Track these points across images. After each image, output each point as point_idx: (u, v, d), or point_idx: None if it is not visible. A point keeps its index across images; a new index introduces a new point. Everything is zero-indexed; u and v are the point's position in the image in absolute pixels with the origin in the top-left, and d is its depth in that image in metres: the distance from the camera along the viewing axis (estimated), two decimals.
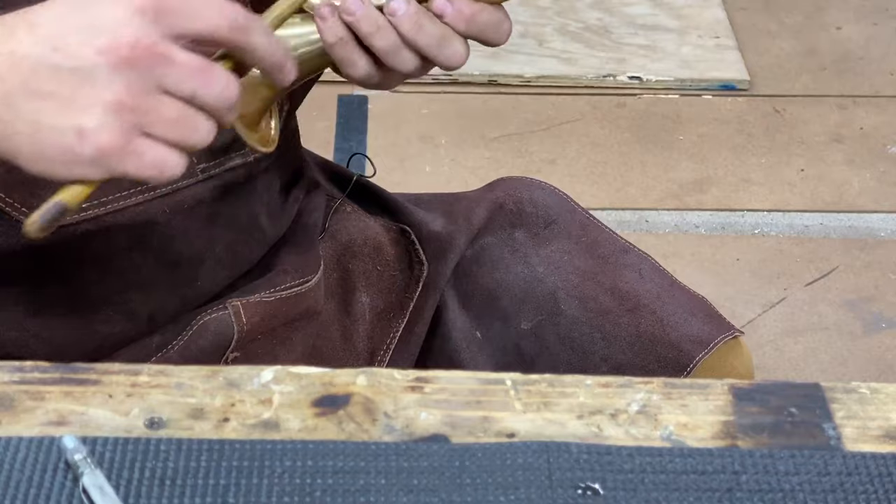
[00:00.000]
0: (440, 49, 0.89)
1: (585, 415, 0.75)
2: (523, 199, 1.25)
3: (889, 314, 2.20)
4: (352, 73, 0.91)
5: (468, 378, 0.76)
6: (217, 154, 1.04)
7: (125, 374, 0.76)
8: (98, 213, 0.99)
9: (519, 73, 2.64)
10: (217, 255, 1.07)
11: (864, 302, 2.22)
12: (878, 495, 0.71)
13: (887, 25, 2.87)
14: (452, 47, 0.90)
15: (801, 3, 2.94)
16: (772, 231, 2.36)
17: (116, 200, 1.00)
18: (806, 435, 0.74)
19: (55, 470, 0.70)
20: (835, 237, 2.35)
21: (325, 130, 2.48)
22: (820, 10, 2.92)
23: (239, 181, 1.06)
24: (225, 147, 1.04)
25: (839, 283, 2.26)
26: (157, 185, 1.00)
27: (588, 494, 0.70)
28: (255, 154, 1.06)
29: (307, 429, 0.73)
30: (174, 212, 1.02)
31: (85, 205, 0.98)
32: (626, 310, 1.17)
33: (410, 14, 0.88)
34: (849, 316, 2.20)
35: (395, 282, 1.20)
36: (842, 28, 2.87)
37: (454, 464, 0.71)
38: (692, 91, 2.65)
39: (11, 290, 1.01)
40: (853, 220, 2.39)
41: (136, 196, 1.00)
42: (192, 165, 1.02)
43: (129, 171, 0.77)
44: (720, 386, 0.77)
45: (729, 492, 0.71)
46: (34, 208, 0.95)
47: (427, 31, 0.89)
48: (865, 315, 2.20)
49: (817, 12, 2.91)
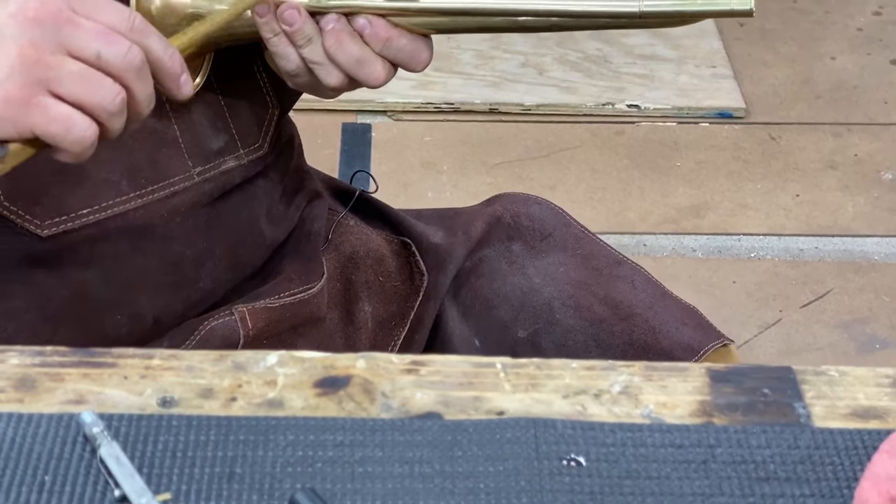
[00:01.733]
0: (359, 67, 0.98)
1: (571, 395, 0.80)
2: (520, 214, 1.29)
3: (883, 335, 2.24)
4: (283, 65, 0.99)
5: (461, 361, 0.81)
6: (211, 157, 1.07)
7: (139, 358, 0.81)
8: (100, 217, 1.03)
9: (520, 102, 2.70)
10: (218, 257, 1.10)
11: (858, 323, 2.27)
12: (845, 467, 0.75)
13: (880, 55, 2.93)
14: (370, 67, 0.98)
15: (796, 34, 2.99)
16: (767, 254, 2.41)
17: (117, 205, 1.03)
18: (777, 413, 0.79)
19: (74, 443, 0.75)
20: (829, 260, 2.40)
21: (329, 157, 2.53)
22: (814, 41, 2.97)
23: (235, 183, 1.09)
24: (219, 150, 1.08)
25: (834, 305, 2.30)
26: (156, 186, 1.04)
27: (572, 466, 0.75)
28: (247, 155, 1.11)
29: (309, 407, 0.78)
30: (173, 214, 1.06)
31: (86, 210, 1.03)
32: (620, 319, 1.20)
33: (336, 31, 0.96)
34: (843, 337, 2.24)
35: (397, 292, 1.23)
36: (836, 58, 2.92)
37: (447, 438, 0.76)
38: (689, 119, 2.70)
39: (23, 297, 1.04)
40: (847, 244, 2.43)
41: (136, 200, 1.04)
42: (189, 169, 1.06)
43: (35, 126, 0.82)
44: (698, 369, 0.81)
45: (704, 463, 0.75)
46: (38, 216, 1.00)
47: (347, 49, 0.97)
48: (859, 336, 2.24)
49: (812, 43, 2.97)
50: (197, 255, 1.09)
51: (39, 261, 1.03)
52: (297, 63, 0.98)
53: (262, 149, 1.11)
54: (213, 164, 1.08)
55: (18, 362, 0.80)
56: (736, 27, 2.98)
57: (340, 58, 0.97)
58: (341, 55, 0.97)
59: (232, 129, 1.09)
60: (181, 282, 1.09)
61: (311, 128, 2.47)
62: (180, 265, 1.08)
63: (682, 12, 0.96)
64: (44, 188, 1.01)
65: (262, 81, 1.11)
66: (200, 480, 0.73)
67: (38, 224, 1.01)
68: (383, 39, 0.97)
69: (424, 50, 1.00)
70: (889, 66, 2.90)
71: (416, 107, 2.68)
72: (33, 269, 1.04)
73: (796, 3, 3.09)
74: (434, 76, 2.73)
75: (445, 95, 2.69)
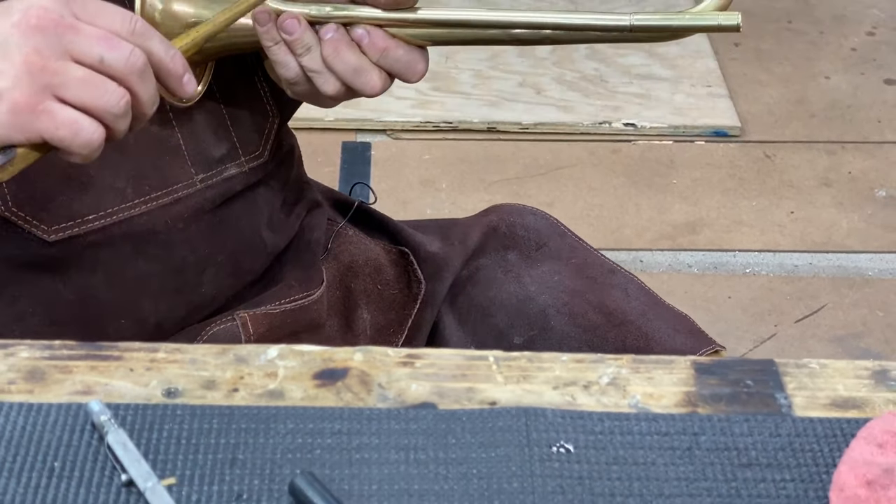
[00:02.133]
0: (356, 76, 1.00)
1: (561, 386, 0.82)
2: (516, 224, 1.31)
3: (876, 349, 2.27)
4: (283, 73, 1.02)
5: (455, 355, 0.84)
6: (213, 164, 1.10)
7: (145, 351, 0.84)
8: (104, 223, 1.05)
9: (518, 121, 2.73)
10: (220, 263, 1.12)
11: (852, 338, 2.29)
12: (824, 453, 0.78)
13: (874, 75, 2.96)
14: (367, 76, 1.01)
15: (791, 54, 3.03)
16: (763, 270, 2.44)
17: (122, 211, 1.06)
18: (760, 403, 0.82)
19: (82, 431, 0.78)
20: (824, 276, 2.42)
21: (329, 175, 2.56)
22: (809, 61, 3.01)
23: (236, 190, 1.12)
24: (221, 157, 1.11)
25: (828, 320, 2.33)
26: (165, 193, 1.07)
27: (561, 452, 0.78)
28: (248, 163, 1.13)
29: (308, 397, 0.81)
30: (176, 220, 1.09)
31: (92, 216, 1.06)
32: (613, 325, 1.22)
33: (334, 40, 0.99)
34: (837, 351, 2.26)
35: (395, 300, 1.26)
36: (830, 77, 2.96)
37: (441, 426, 0.79)
38: (685, 137, 2.73)
39: (29, 300, 1.07)
40: (841, 260, 2.46)
41: (140, 206, 1.06)
42: (191, 176, 1.09)
43: (44, 131, 0.84)
44: (683, 362, 0.84)
45: (688, 450, 0.78)
46: (45, 221, 1.03)
47: (345, 58, 1.00)
48: (854, 351, 2.27)
49: (806, 62, 3.00)
50: (199, 261, 1.12)
51: (46, 265, 1.06)
52: (297, 71, 1.01)
53: (262, 157, 1.14)
54: (216, 171, 1.11)
55: (28, 355, 0.83)
56: (731, 47, 3.01)
57: (338, 66, 1.00)
58: (339, 64, 1.00)
59: (233, 137, 1.12)
60: (183, 287, 1.12)
61: (311, 146, 2.50)
62: (183, 271, 1.11)
63: (672, 27, 0.99)
64: (51, 195, 1.04)
65: (263, 91, 1.14)
66: (204, 466, 0.76)
67: (46, 229, 1.04)
68: (381, 49, 1.00)
69: (420, 61, 1.03)
70: (882, 86, 2.93)
71: (416, 125, 2.71)
72: (40, 274, 1.07)
73: (791, 24, 3.13)
74: (433, 95, 2.77)
75: (444, 114, 2.73)
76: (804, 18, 3.16)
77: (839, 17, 3.17)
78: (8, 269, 1.06)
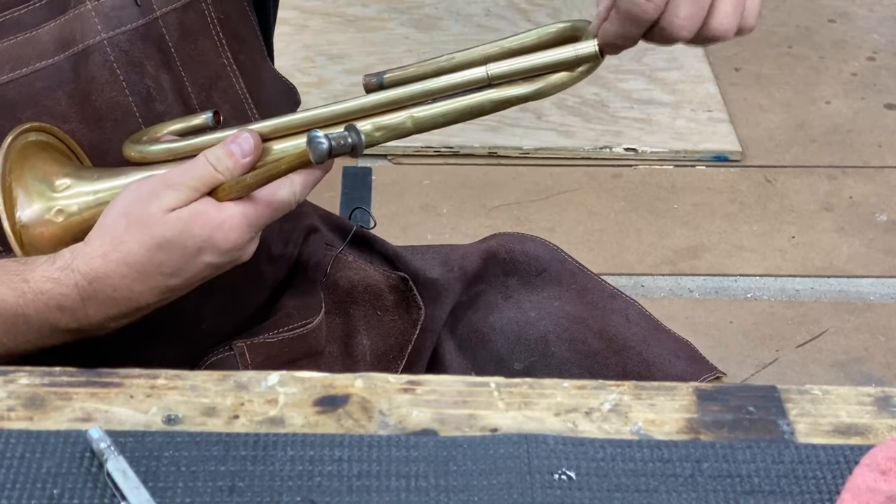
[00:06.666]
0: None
1: (562, 412, 0.82)
2: (515, 250, 1.31)
3: (878, 374, 2.26)
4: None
5: (456, 381, 0.84)
6: None
7: (145, 378, 0.83)
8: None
9: (518, 146, 2.73)
10: (219, 301, 1.12)
11: (854, 363, 2.29)
12: (827, 480, 0.78)
13: (874, 100, 2.96)
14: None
15: (792, 79, 3.03)
16: (764, 295, 2.43)
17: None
18: (762, 430, 0.81)
19: (82, 458, 0.77)
20: (825, 301, 2.42)
21: (330, 200, 2.56)
22: (809, 86, 3.01)
23: None
24: None
25: (829, 345, 2.32)
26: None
27: (563, 480, 0.77)
28: None
29: (309, 424, 0.80)
30: None
31: None
32: (614, 351, 1.22)
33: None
34: (839, 376, 2.25)
35: (395, 326, 1.25)
36: (831, 102, 2.96)
37: (442, 453, 0.79)
38: (686, 162, 2.73)
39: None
40: (843, 285, 2.46)
41: None
42: None
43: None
44: (685, 388, 0.84)
45: (691, 477, 0.78)
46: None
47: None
48: (855, 375, 2.26)
49: (806, 88, 3.00)
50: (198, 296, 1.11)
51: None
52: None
53: None
54: None
55: (28, 382, 0.83)
56: (732, 72, 3.02)
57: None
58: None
59: None
60: (183, 324, 1.12)
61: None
62: (181, 311, 1.10)
63: (530, 68, 0.97)
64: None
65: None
66: (204, 493, 0.75)
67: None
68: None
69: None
70: (883, 111, 2.93)
71: (416, 150, 2.72)
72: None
73: (791, 49, 3.14)
74: None
75: (445, 139, 2.73)
76: (805, 43, 3.16)
77: (840, 43, 3.18)
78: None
